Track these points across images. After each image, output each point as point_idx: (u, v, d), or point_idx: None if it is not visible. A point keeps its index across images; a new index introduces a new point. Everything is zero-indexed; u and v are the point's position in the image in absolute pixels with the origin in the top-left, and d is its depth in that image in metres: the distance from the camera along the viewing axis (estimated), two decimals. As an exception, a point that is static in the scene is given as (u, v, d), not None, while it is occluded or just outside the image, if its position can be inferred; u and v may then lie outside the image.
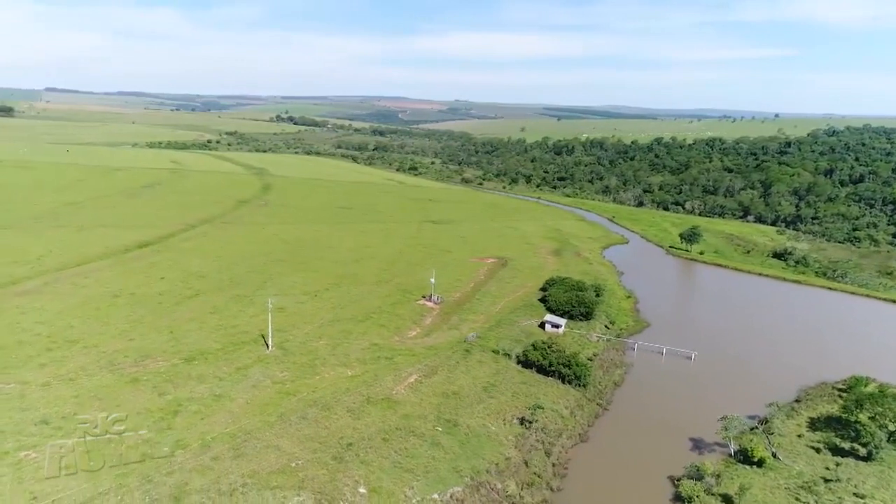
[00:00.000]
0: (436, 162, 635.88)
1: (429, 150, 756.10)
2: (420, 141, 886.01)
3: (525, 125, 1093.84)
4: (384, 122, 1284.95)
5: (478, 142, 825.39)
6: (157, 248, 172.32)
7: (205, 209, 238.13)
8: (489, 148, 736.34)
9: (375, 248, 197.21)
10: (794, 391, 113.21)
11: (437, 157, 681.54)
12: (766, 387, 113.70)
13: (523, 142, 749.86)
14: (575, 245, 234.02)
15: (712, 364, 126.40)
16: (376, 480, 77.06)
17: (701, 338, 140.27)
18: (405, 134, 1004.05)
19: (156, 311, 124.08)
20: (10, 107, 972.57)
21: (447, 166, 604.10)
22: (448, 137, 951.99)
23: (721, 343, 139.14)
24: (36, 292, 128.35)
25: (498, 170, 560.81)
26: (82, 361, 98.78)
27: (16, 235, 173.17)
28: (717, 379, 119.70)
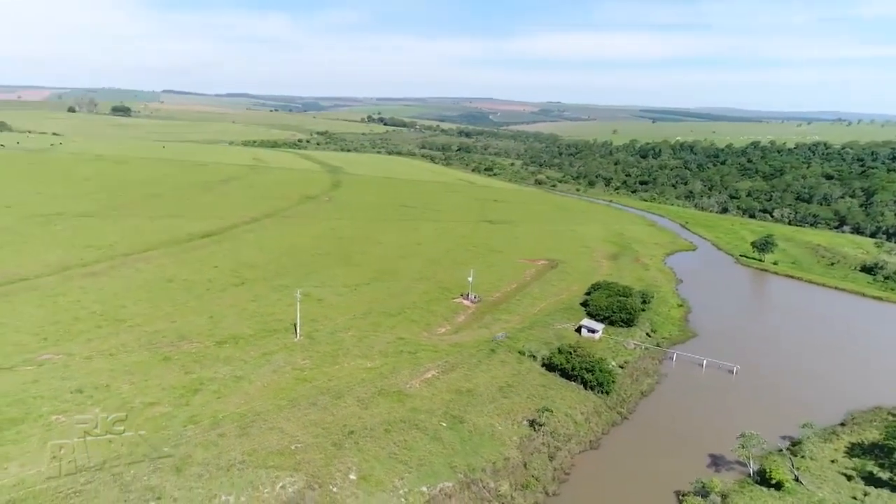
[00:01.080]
0: (515, 163, 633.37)
1: (512, 151, 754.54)
2: (505, 142, 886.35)
3: (617, 127, 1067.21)
4: (474, 124, 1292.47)
5: (562, 144, 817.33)
6: (218, 239, 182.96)
7: (271, 204, 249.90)
8: (573, 150, 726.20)
9: (424, 246, 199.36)
10: (842, 414, 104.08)
11: (518, 159, 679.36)
12: (810, 407, 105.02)
13: (609, 144, 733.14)
14: (636, 250, 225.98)
15: (755, 379, 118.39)
16: (369, 469, 78.40)
17: (749, 351, 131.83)
18: (492, 135, 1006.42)
19: (202, 296, 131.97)
20: (127, 107, 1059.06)
21: (526, 168, 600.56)
22: (534, 139, 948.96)
23: (771, 358, 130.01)
24: (101, 274, 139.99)
25: (578, 172, 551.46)
26: (125, 339, 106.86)
27: (96, 222, 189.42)
28: (756, 395, 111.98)
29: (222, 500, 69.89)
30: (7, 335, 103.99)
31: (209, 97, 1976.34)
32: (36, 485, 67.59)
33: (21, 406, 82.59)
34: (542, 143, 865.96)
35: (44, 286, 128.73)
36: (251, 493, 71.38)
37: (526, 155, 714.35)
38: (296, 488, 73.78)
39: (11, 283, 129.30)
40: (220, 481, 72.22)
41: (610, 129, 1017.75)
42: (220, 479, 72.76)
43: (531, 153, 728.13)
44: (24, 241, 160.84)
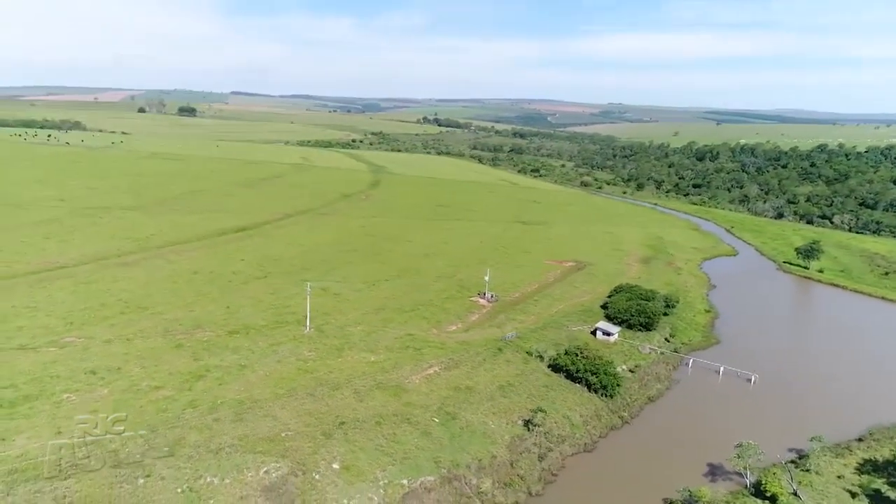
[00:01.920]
0: (566, 165, 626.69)
1: (565, 152, 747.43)
2: (559, 144, 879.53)
3: (679, 129, 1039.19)
4: (531, 125, 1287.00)
5: (617, 146, 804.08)
6: (250, 234, 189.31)
7: (308, 201, 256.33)
8: (628, 152, 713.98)
9: (451, 245, 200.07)
10: (861, 429, 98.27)
11: (570, 161, 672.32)
12: (827, 420, 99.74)
13: (666, 146, 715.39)
14: (671, 254, 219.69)
15: (774, 389, 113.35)
16: (353, 459, 79.73)
17: (773, 361, 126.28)
18: (546, 136, 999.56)
19: (224, 288, 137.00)
20: (193, 108, 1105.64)
21: (576, 169, 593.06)
22: (590, 141, 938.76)
23: (795, 369, 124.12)
24: (134, 265, 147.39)
25: (629, 174, 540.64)
26: (144, 325, 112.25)
27: (139, 216, 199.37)
28: (772, 406, 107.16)
29: (207, 481, 72.60)
30: (38, 318, 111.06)
31: (273, 98, 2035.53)
32: (38, 457, 72.01)
33: (37, 384, 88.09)
34: (596, 145, 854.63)
35: (79, 274, 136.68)
36: (235, 476, 73.83)
37: (579, 157, 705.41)
38: (280, 474, 75.83)
39: (51, 270, 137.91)
40: (207, 463, 75.05)
41: (671, 131, 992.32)
42: (209, 461, 75.58)
43: (584, 155, 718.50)
44: (70, 233, 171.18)
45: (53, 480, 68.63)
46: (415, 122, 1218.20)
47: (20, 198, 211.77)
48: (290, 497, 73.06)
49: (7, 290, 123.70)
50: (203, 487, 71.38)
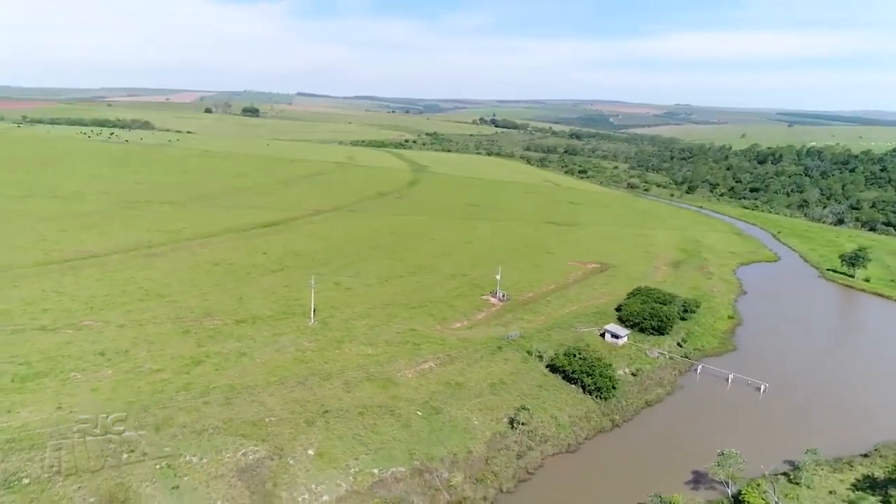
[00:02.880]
0: (618, 167, 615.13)
1: (620, 154, 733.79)
2: (616, 145, 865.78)
3: (747, 131, 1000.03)
4: (591, 126, 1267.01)
5: (676, 147, 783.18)
6: (278, 229, 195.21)
7: (342, 198, 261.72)
8: (686, 154, 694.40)
9: (474, 244, 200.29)
10: (871, 445, 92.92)
11: (625, 162, 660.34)
12: (834, 433, 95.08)
13: (727, 148, 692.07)
14: (705, 258, 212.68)
15: (784, 399, 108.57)
16: (329, 446, 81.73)
17: (790, 370, 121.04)
18: (604, 138, 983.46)
19: (240, 279, 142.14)
20: (256, 108, 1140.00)
21: (629, 171, 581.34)
22: (649, 142, 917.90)
23: (812, 379, 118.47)
24: (160, 255, 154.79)
25: (683, 177, 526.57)
26: (158, 312, 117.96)
27: (175, 210, 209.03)
28: (777, 415, 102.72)
29: (186, 460, 76.07)
30: (63, 302, 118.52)
31: (336, 99, 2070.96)
32: (36, 428, 77.25)
33: (49, 362, 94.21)
34: (654, 147, 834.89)
35: (109, 263, 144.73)
36: (213, 457, 77.03)
37: (634, 159, 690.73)
38: (256, 457, 78.62)
39: (84, 258, 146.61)
40: (189, 442, 78.60)
41: (738, 133, 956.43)
42: (191, 440, 79.14)
43: (640, 157, 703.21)
44: (108, 224, 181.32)
45: (47, 450, 73.47)
46: (471, 122, 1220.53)
47: (69, 190, 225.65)
48: (262, 479, 75.67)
49: (41, 275, 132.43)
50: (181, 465, 74.83)
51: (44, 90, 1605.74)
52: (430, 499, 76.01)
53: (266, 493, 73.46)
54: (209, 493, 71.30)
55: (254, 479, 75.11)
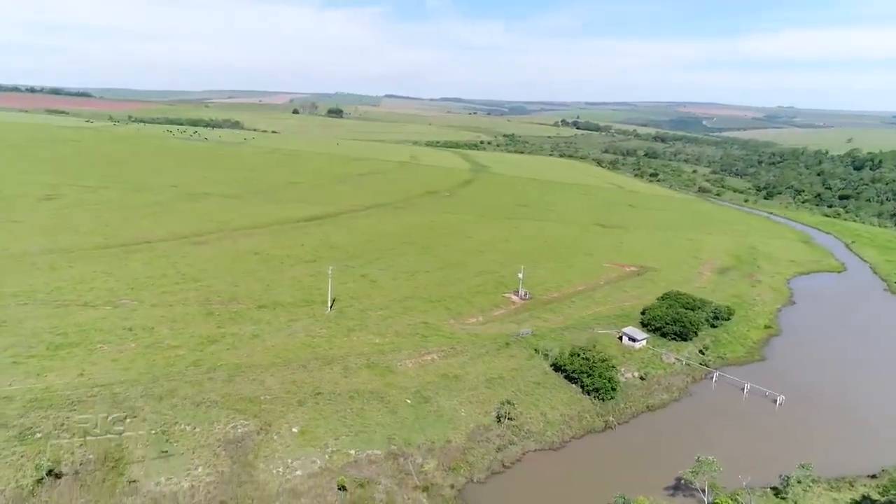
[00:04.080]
0: (697, 170, 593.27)
1: (705, 158, 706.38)
2: (702, 148, 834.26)
3: (855, 135, 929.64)
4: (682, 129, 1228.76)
5: (765, 152, 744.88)
6: (320, 223, 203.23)
7: (390, 196, 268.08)
8: (776, 159, 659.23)
9: (511, 243, 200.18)
10: (880, 466, 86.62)
11: (708, 166, 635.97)
12: (843, 452, 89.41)
13: (822, 153, 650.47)
14: (757, 266, 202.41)
15: (800, 412, 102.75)
16: (313, 426, 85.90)
17: (814, 384, 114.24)
18: (691, 141, 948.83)
19: (273, 268, 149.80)
20: (340, 110, 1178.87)
21: (710, 175, 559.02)
22: (740, 146, 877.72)
23: (835, 394, 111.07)
24: (205, 244, 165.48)
25: (766, 182, 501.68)
26: (189, 295, 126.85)
27: (230, 202, 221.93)
28: (786, 428, 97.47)
29: (180, 428, 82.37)
30: (108, 282, 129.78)
31: (423, 101, 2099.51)
32: (57, 391, 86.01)
33: (82, 334, 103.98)
34: (743, 151, 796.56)
35: (157, 249, 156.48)
36: (206, 427, 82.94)
37: (719, 163, 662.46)
38: (245, 430, 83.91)
39: (137, 244, 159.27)
40: (186, 412, 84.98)
41: (845, 137, 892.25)
42: (188, 411, 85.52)
43: (726, 161, 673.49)
44: (168, 214, 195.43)
45: (61, 410, 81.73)
46: (552, 124, 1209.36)
47: (141, 184, 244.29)
48: (245, 451, 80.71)
49: (95, 258, 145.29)
50: (175, 432, 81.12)
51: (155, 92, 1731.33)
52: (399, 482, 78.25)
53: (246, 463, 78.34)
54: (193, 460, 76.95)
55: (237, 450, 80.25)
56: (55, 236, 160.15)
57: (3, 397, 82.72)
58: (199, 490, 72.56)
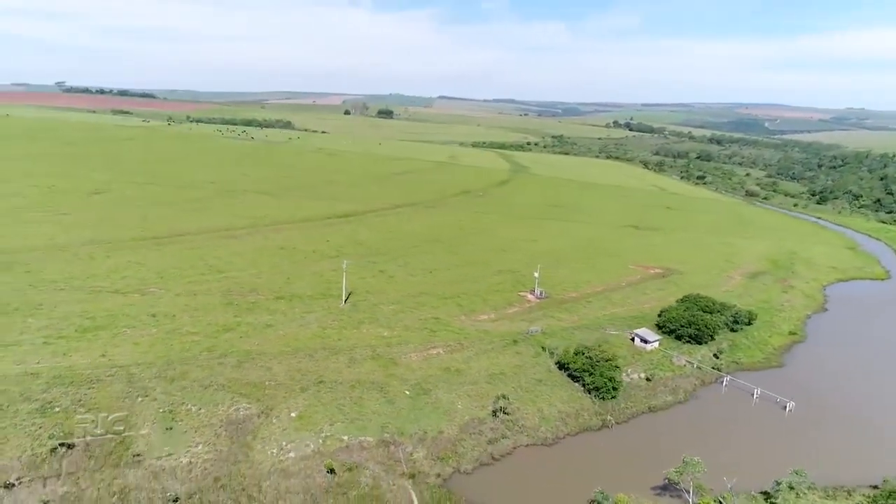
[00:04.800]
0: (750, 174, 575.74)
1: (760, 161, 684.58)
2: (759, 151, 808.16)
3: None
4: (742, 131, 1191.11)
5: (826, 155, 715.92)
6: (350, 220, 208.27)
7: (423, 195, 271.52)
8: (836, 162, 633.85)
9: (537, 243, 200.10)
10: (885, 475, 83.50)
11: (763, 170, 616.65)
12: (850, 460, 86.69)
13: (888, 157, 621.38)
14: (793, 272, 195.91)
15: (809, 420, 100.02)
16: (311, 412, 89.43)
17: (829, 392, 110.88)
18: (749, 143, 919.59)
19: (296, 262, 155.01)
20: (390, 110, 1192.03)
21: (761, 179, 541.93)
22: (800, 149, 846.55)
23: (849, 404, 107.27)
24: (236, 238, 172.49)
25: (822, 186, 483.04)
26: (214, 285, 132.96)
27: (266, 199, 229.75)
28: (791, 435, 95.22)
29: (186, 408, 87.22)
30: (140, 271, 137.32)
31: (477, 102, 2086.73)
32: (79, 370, 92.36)
33: (110, 318, 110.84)
34: (803, 154, 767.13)
35: (190, 242, 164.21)
36: (210, 408, 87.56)
37: (775, 166, 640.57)
38: (246, 413, 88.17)
39: (171, 237, 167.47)
40: (194, 394, 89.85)
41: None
42: (196, 393, 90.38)
43: (783, 164, 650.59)
44: (205, 209, 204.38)
45: (80, 387, 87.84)
46: (603, 126, 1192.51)
47: (184, 180, 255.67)
48: (244, 431, 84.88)
49: (132, 249, 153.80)
50: (181, 411, 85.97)
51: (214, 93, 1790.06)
52: (387, 469, 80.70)
53: (244, 444, 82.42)
54: (194, 438, 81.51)
55: (237, 431, 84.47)
56: (98, 228, 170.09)
57: (30, 373, 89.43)
58: (196, 466, 76.91)
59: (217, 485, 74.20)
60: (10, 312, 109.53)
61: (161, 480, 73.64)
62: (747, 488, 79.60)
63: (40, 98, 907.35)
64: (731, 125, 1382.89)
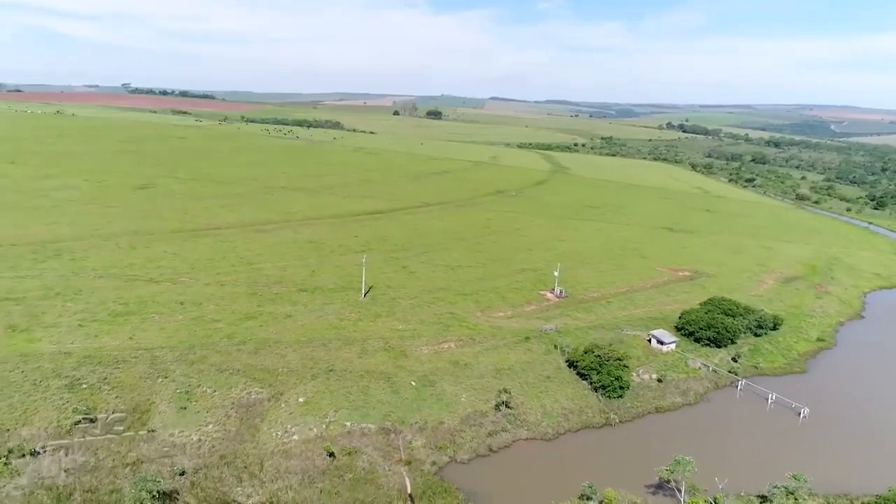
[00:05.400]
0: (806, 177, 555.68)
1: (819, 164, 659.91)
2: (820, 154, 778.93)
3: None
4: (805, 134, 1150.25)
5: (891, 159, 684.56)
6: (380, 217, 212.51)
7: (456, 194, 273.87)
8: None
9: (565, 243, 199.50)
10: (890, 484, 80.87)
11: (822, 173, 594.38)
12: (856, 468, 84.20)
13: None
14: (831, 277, 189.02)
15: (822, 427, 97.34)
16: (318, 398, 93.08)
17: (847, 401, 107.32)
18: (810, 146, 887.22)
19: (323, 256, 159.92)
20: (439, 111, 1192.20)
21: (817, 183, 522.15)
22: (865, 152, 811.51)
23: (867, 413, 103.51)
24: (267, 232, 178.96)
25: (883, 191, 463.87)
26: (241, 276, 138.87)
27: (301, 195, 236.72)
28: (802, 441, 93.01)
29: (201, 389, 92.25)
30: (174, 262, 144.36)
31: (528, 104, 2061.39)
32: (107, 351, 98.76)
33: (140, 305, 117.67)
34: (868, 157, 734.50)
35: (224, 235, 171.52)
36: (224, 391, 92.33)
37: (835, 170, 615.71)
38: (257, 397, 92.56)
39: (207, 230, 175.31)
40: (210, 377, 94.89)
41: None
42: (213, 376, 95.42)
43: (844, 168, 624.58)
44: (242, 204, 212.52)
45: (107, 367, 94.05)
46: (656, 127, 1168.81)
47: (226, 177, 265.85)
48: (253, 414, 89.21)
49: (169, 240, 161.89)
50: (196, 392, 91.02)
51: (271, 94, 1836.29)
52: (385, 455, 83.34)
53: (251, 425, 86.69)
54: (206, 417, 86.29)
55: (247, 413, 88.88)
56: (141, 221, 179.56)
57: (64, 352, 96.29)
58: (205, 443, 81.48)
59: (222, 462, 78.39)
60: (52, 297, 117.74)
61: (171, 455, 78.38)
62: (746, 490, 78.61)
63: (107, 99, 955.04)
64: (794, 127, 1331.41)
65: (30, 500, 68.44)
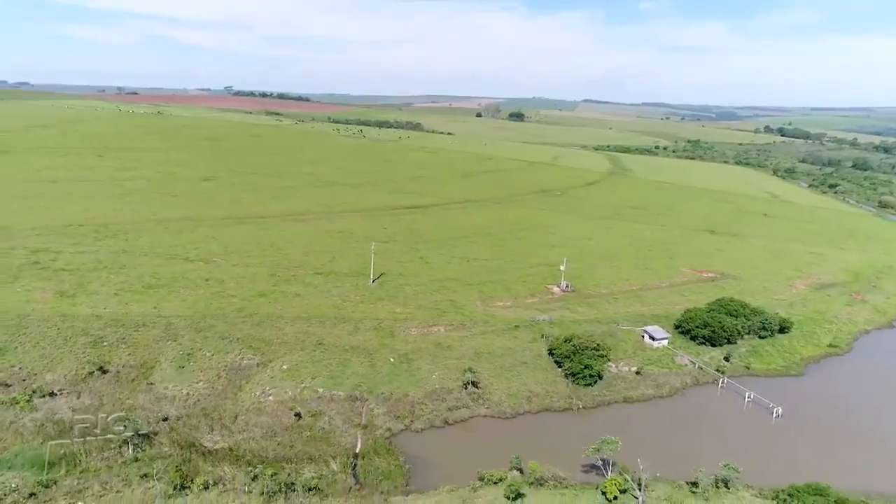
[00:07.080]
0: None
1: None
2: None
3: None
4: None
5: None
6: (415, 212, 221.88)
7: (499, 192, 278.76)
8: None
9: (593, 241, 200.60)
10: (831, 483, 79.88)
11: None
12: (802, 466, 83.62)
13: None
14: (874, 286, 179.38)
15: (793, 426, 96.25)
16: (300, 366, 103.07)
17: (831, 406, 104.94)
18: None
19: (347, 245, 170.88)
20: (521, 113, 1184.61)
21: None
22: None
23: (850, 420, 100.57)
24: (304, 222, 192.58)
25: None
26: (266, 259, 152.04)
27: (347, 190, 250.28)
28: (762, 437, 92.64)
29: (202, 353, 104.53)
30: (211, 245, 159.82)
31: (623, 106, 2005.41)
32: (133, 316, 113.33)
33: (171, 279, 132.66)
34: None
35: (263, 223, 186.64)
36: (221, 356, 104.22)
37: None
38: (248, 363, 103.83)
39: (251, 218, 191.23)
40: (212, 343, 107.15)
41: None
42: (214, 341, 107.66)
43: None
44: (290, 197, 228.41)
45: (128, 329, 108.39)
46: (752, 131, 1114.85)
47: (283, 172, 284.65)
48: (241, 376, 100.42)
49: (213, 226, 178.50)
50: (196, 355, 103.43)
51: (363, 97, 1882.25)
52: (346, 419, 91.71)
53: (236, 386, 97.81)
54: (199, 376, 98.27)
55: (235, 375, 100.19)
56: (195, 208, 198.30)
57: (95, 315, 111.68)
58: (192, 397, 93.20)
59: (202, 413, 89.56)
60: (99, 269, 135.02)
61: (161, 404, 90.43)
62: (682, 476, 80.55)
63: (212, 101, 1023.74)
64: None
65: (39, 430, 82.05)
